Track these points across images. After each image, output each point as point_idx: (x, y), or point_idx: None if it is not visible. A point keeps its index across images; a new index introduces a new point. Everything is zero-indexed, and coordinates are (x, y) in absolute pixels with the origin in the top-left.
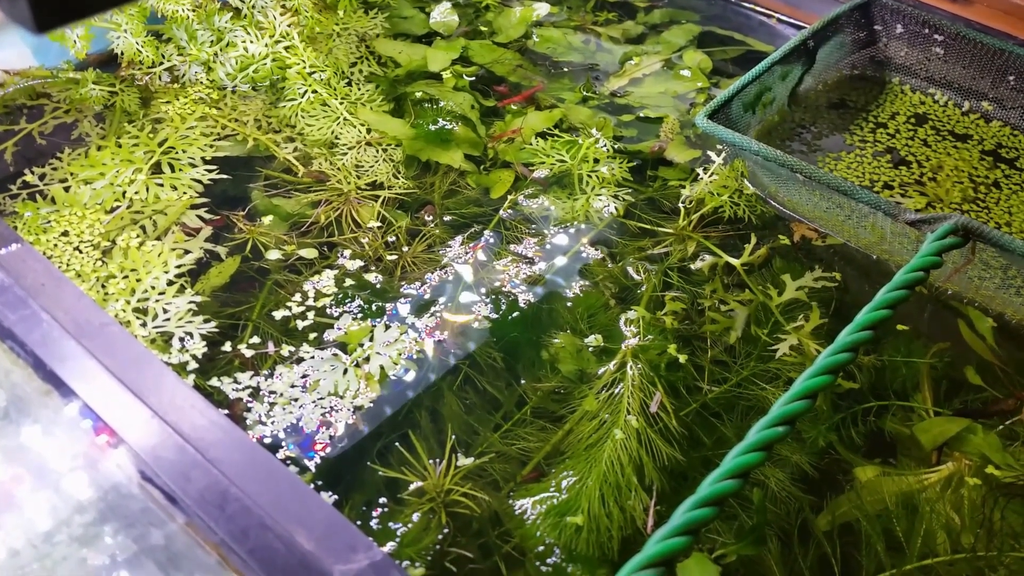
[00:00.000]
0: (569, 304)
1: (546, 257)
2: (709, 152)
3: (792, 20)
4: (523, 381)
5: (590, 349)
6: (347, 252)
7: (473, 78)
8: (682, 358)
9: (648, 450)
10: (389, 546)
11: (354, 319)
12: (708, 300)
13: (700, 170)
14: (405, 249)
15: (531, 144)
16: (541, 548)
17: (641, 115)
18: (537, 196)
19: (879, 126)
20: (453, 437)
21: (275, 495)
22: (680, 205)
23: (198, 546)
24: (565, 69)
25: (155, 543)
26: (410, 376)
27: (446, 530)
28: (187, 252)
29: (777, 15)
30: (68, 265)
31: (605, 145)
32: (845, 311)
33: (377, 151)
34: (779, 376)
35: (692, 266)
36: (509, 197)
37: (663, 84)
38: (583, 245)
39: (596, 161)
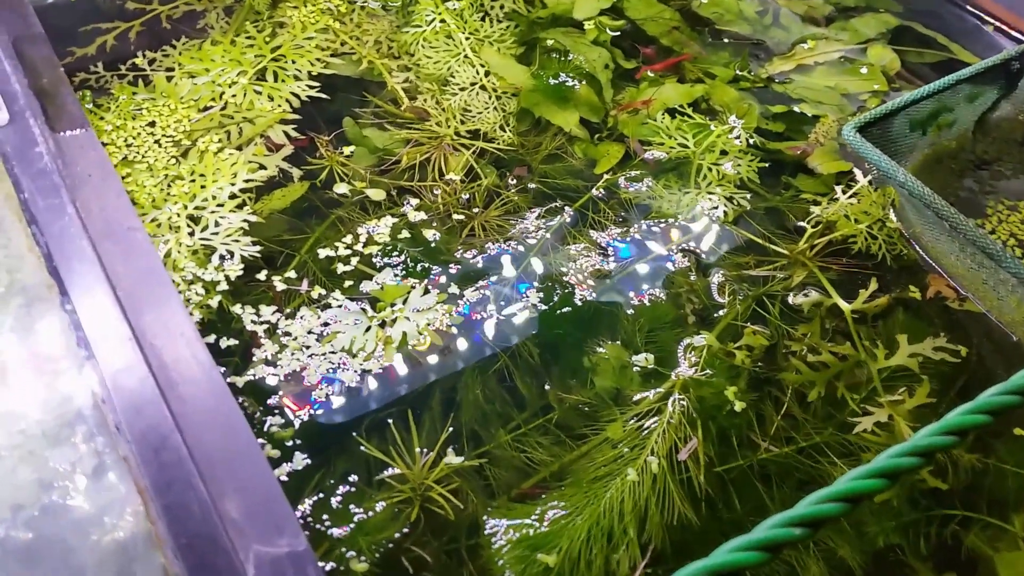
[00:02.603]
0: (631, 312)
1: (624, 252)
2: (857, 170)
3: (1015, 32)
4: (548, 387)
5: (636, 368)
6: (414, 201)
7: (617, 33)
8: (739, 405)
9: (660, 501)
10: (344, 529)
11: (395, 275)
12: (798, 344)
13: (840, 188)
14: (476, 211)
15: (656, 120)
16: None
17: (796, 109)
18: (640, 180)
19: None
20: (451, 429)
21: (222, 454)
22: (804, 224)
23: (126, 484)
24: (726, 40)
25: (88, 470)
26: (431, 350)
27: (408, 528)
28: (261, 168)
29: (997, 23)
30: (143, 156)
31: (740, 137)
32: (963, 395)
33: (490, 97)
34: (856, 453)
35: (792, 299)
36: (606, 176)
37: (834, 78)
38: (672, 247)
39: (723, 153)
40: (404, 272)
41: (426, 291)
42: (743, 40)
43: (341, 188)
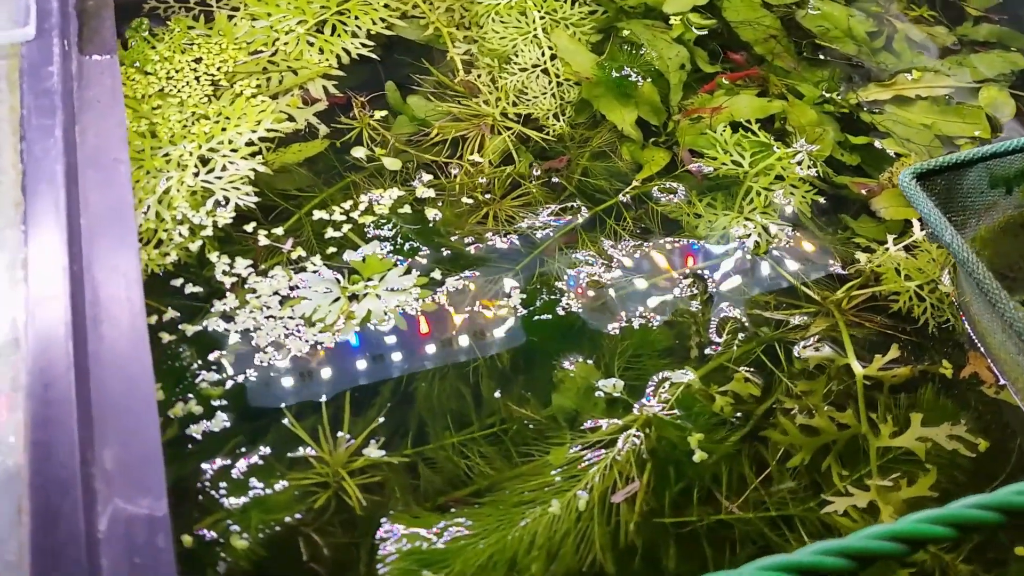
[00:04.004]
0: (616, 332)
1: (629, 268)
2: (917, 221)
3: None
4: (499, 395)
5: (600, 393)
6: (427, 177)
7: (704, 32)
8: (699, 456)
9: (577, 542)
10: (238, 500)
11: (381, 249)
12: (793, 401)
13: (892, 238)
14: (488, 196)
15: (716, 131)
16: None
17: (878, 144)
18: (674, 192)
19: None
20: (396, 421)
21: (118, 401)
22: (844, 270)
23: (16, 412)
24: (822, 56)
25: None
26: (395, 334)
27: (312, 513)
28: (290, 119)
29: None
30: (179, 91)
31: (803, 163)
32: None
33: (550, 82)
34: (831, 535)
35: (800, 351)
36: (636, 183)
37: (932, 115)
38: (686, 271)
39: (779, 178)
40: (392, 248)
41: (407, 271)
42: (840, 59)
43: (359, 152)
